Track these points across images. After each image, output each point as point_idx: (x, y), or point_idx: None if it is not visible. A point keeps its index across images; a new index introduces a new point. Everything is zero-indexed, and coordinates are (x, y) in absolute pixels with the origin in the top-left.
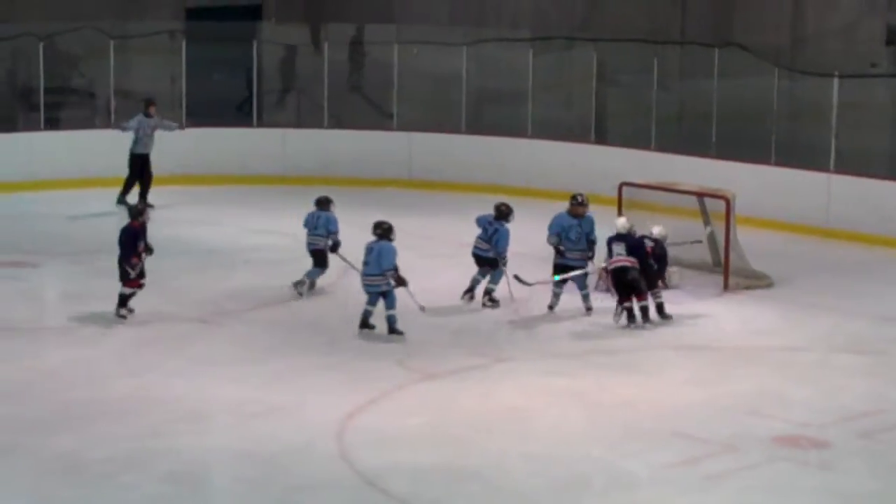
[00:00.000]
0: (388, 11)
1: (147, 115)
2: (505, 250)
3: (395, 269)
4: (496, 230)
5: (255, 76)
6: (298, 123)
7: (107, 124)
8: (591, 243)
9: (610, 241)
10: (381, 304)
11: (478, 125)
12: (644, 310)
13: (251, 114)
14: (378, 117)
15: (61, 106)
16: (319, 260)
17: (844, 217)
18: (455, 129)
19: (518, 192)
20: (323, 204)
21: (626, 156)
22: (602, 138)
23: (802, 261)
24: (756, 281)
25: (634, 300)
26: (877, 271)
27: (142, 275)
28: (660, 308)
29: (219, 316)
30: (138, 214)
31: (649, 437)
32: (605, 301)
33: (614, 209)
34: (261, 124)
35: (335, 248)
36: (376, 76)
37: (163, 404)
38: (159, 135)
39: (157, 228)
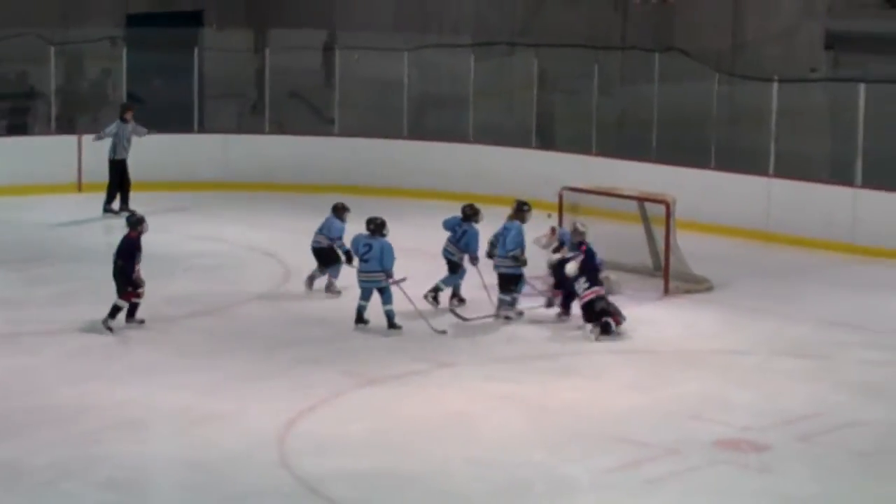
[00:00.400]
0: (330, 17)
1: (124, 120)
2: (476, 251)
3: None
4: (465, 232)
5: (195, 82)
6: (240, 129)
7: (47, 130)
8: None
9: (565, 274)
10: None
11: (419, 131)
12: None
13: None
14: (320, 123)
15: (2, 112)
16: (323, 260)
17: (784, 221)
18: (397, 135)
19: (460, 198)
20: (337, 210)
21: (567, 161)
22: (543, 143)
23: (743, 265)
24: (696, 285)
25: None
26: (817, 275)
27: (137, 286)
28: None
29: (160, 322)
30: (137, 224)
31: (591, 441)
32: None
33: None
34: (202, 130)
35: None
36: (317, 82)
37: (103, 411)
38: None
39: (96, 235)
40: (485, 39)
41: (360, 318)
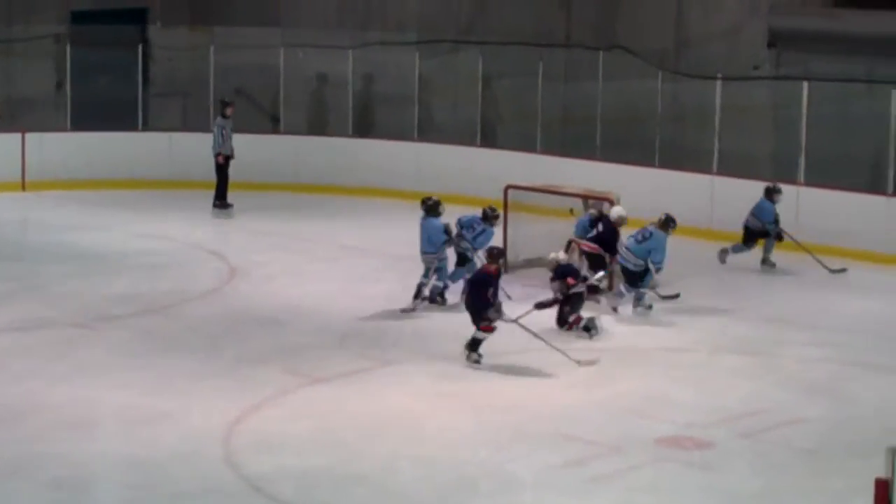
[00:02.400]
0: (274, 14)
1: (224, 116)
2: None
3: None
4: (483, 231)
5: (139, 80)
6: (185, 127)
7: None
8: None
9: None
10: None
11: (364, 128)
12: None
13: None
14: (264, 121)
15: None
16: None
17: (728, 219)
18: (342, 133)
19: (405, 196)
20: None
21: (511, 158)
22: (488, 141)
23: (686, 262)
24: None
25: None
26: (761, 273)
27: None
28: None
29: (104, 321)
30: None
31: (536, 439)
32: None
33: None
34: (147, 128)
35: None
36: (262, 79)
37: (47, 410)
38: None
39: (41, 233)
40: (429, 37)
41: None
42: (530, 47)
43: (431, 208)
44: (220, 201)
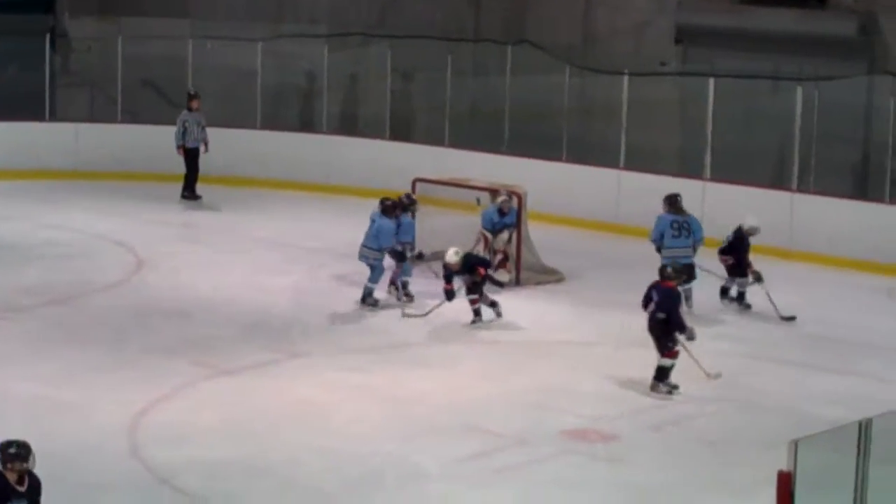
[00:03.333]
0: (183, 6)
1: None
2: (411, 241)
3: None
4: (400, 224)
5: (47, 70)
6: (92, 118)
7: None
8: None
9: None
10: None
11: (274, 121)
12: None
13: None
14: (173, 112)
15: None
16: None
17: (634, 213)
18: (251, 125)
19: (315, 188)
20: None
21: (420, 152)
22: (397, 134)
23: (593, 256)
24: (547, 276)
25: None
26: None
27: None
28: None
29: (9, 312)
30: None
31: (442, 431)
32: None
33: None
34: (53, 119)
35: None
36: (170, 71)
37: None
38: None
39: None
40: (339, 30)
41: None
42: (439, 41)
43: (387, 210)
44: (189, 192)
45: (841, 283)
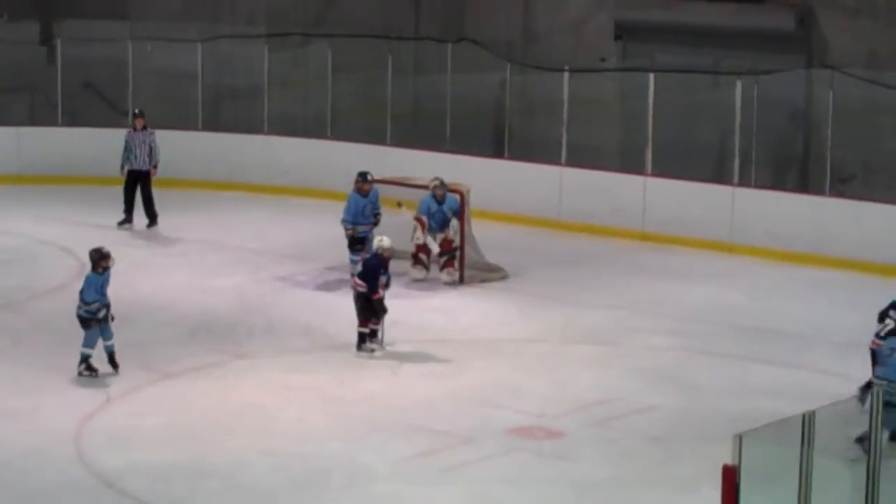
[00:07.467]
0: (122, 7)
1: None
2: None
3: None
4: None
5: None
6: (32, 122)
7: None
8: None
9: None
10: None
11: (214, 122)
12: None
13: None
14: (114, 115)
15: None
16: None
17: (576, 209)
18: (191, 126)
19: (255, 189)
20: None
21: (362, 151)
22: (338, 134)
23: (536, 253)
24: (491, 274)
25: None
26: (609, 262)
27: None
28: None
29: None
30: None
31: (388, 430)
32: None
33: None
34: None
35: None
36: (111, 73)
37: None
38: None
39: None
40: (279, 30)
41: None
42: (379, 40)
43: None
44: (126, 215)
45: (782, 276)
